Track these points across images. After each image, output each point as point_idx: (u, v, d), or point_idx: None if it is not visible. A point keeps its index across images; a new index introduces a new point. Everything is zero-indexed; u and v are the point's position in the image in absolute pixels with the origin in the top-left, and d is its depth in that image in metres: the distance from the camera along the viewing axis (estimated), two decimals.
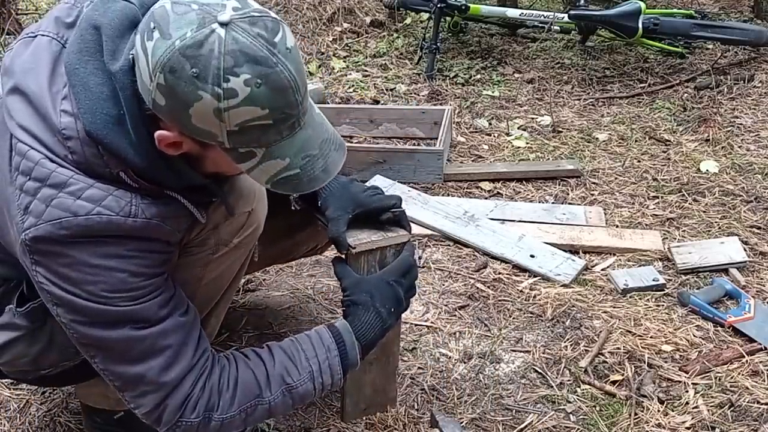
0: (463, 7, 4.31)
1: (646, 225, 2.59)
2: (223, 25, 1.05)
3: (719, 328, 2.01)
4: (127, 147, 1.14)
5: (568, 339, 1.99)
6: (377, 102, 3.87)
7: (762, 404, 1.74)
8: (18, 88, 1.17)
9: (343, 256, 1.52)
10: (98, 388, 1.50)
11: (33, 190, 1.13)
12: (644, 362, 1.89)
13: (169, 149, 1.16)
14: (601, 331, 2.00)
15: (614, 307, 2.11)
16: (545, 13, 4.30)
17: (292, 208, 1.61)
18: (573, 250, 2.42)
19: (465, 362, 1.91)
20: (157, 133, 1.13)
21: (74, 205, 1.13)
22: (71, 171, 1.14)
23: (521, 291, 2.21)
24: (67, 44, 1.19)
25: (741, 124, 3.46)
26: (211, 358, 1.32)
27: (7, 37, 4.07)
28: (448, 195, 2.85)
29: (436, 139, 3.11)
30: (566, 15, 4.19)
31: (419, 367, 1.88)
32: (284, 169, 1.18)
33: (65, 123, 1.14)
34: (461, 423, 1.69)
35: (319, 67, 4.36)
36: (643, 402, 1.75)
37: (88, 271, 1.15)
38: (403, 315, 1.99)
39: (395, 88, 4.05)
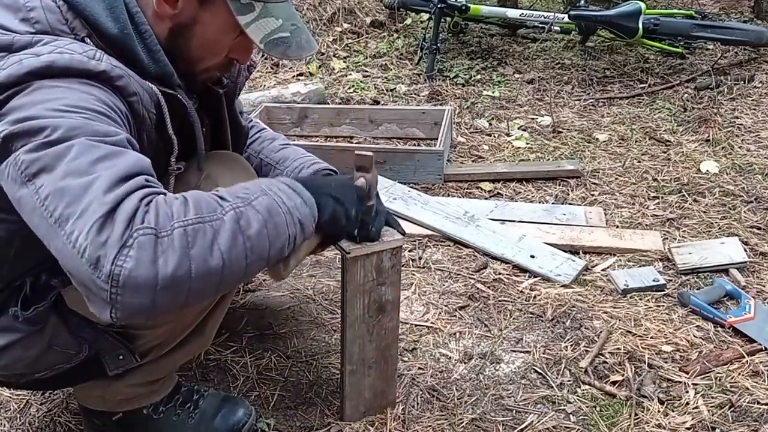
0: (464, 8, 4.31)
1: (647, 225, 2.59)
2: None
3: (719, 329, 2.01)
4: (100, 10, 1.14)
5: (568, 339, 1.99)
6: (377, 102, 3.87)
7: (762, 405, 1.74)
8: None
9: None
10: (97, 390, 1.51)
11: None
12: (644, 363, 1.89)
13: (165, 5, 1.17)
14: (601, 332, 2.00)
15: (614, 308, 2.11)
16: (545, 14, 4.31)
17: None
18: (573, 250, 2.42)
19: (465, 362, 1.91)
20: None
21: (36, 50, 1.10)
22: (35, 36, 1.12)
23: (521, 291, 2.21)
24: None
25: (741, 124, 3.46)
26: (160, 194, 1.10)
27: None
28: (449, 195, 2.85)
29: (436, 139, 3.11)
30: (566, 15, 4.19)
31: (419, 368, 1.88)
32: (277, 29, 1.22)
33: None
34: (461, 423, 1.69)
35: (320, 67, 4.36)
36: (643, 402, 1.75)
37: (48, 92, 1.08)
38: (402, 315, 2.00)
39: (395, 88, 4.05)
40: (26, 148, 1.05)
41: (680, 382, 1.82)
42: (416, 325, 2.05)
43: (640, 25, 3.95)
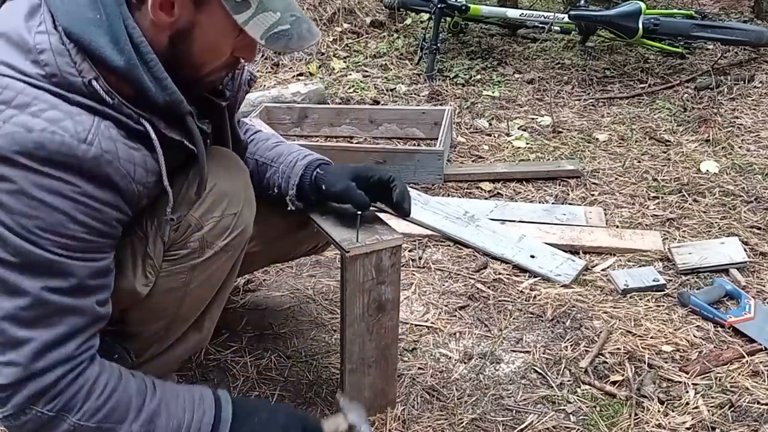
0: (464, 8, 4.31)
1: (647, 225, 2.59)
2: None
3: (719, 329, 2.01)
4: (106, 44, 1.14)
5: (568, 339, 1.99)
6: (377, 102, 3.87)
7: (762, 405, 1.74)
8: None
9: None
10: None
11: None
12: (644, 362, 1.89)
13: (162, 13, 1.17)
14: (601, 332, 2.00)
15: (614, 308, 2.11)
16: (545, 14, 4.30)
17: (289, 209, 1.61)
18: (573, 250, 2.42)
19: (465, 362, 1.91)
20: None
21: (31, 121, 1.10)
22: (39, 91, 1.12)
23: (521, 291, 2.21)
24: None
25: (741, 124, 3.46)
26: (93, 356, 1.20)
27: None
28: (449, 195, 2.85)
29: (436, 139, 3.11)
30: (566, 15, 4.19)
31: (419, 368, 1.88)
32: (276, 23, 1.21)
33: (39, 39, 1.14)
34: (461, 423, 1.69)
35: (320, 67, 4.36)
36: (643, 402, 1.75)
37: (28, 203, 1.09)
38: (402, 315, 2.00)
39: (395, 88, 4.05)
40: None
41: (680, 382, 1.82)
42: (416, 325, 2.05)
43: (640, 25, 3.95)
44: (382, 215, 1.63)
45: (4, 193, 1.09)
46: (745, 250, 2.36)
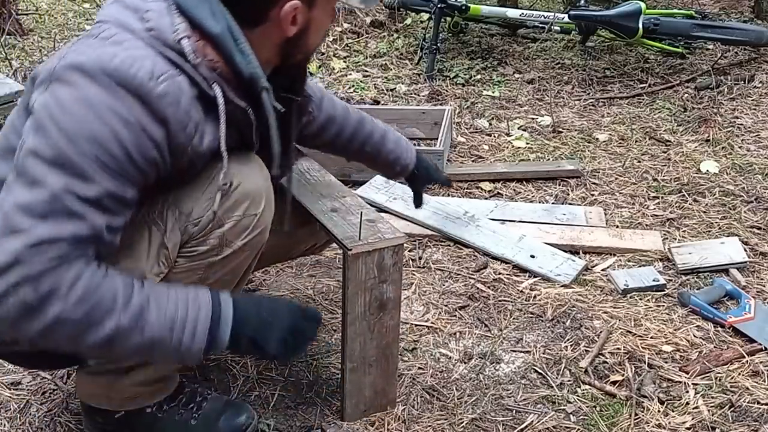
0: (464, 8, 4.31)
1: (647, 225, 2.59)
2: None
3: (719, 329, 2.01)
4: (207, 15, 1.25)
5: (568, 339, 1.99)
6: (377, 102, 3.87)
7: (762, 405, 1.74)
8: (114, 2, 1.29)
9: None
10: (100, 388, 1.51)
11: (91, 42, 1.22)
12: (644, 362, 1.89)
13: (292, 27, 1.30)
14: (601, 332, 2.00)
15: (614, 308, 2.11)
16: (545, 14, 4.30)
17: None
18: (573, 250, 2.42)
19: (465, 362, 1.91)
20: (282, 11, 1.27)
21: (119, 51, 1.19)
22: (133, 37, 1.22)
23: (521, 291, 2.21)
24: None
25: (741, 124, 3.46)
26: (83, 257, 1.17)
27: (8, 37, 4.07)
28: (449, 195, 2.85)
29: (437, 139, 3.11)
30: (566, 15, 4.19)
31: (419, 368, 1.88)
32: None
33: (151, 5, 1.25)
34: (461, 423, 1.70)
35: (320, 67, 4.36)
36: (643, 402, 1.75)
37: (86, 110, 1.17)
38: (402, 315, 2.00)
39: (395, 88, 4.05)
40: (33, 147, 1.16)
41: (680, 382, 1.82)
42: (416, 325, 2.05)
43: (640, 25, 3.95)
44: (384, 215, 1.64)
45: (70, 96, 1.17)
46: (745, 250, 2.36)
